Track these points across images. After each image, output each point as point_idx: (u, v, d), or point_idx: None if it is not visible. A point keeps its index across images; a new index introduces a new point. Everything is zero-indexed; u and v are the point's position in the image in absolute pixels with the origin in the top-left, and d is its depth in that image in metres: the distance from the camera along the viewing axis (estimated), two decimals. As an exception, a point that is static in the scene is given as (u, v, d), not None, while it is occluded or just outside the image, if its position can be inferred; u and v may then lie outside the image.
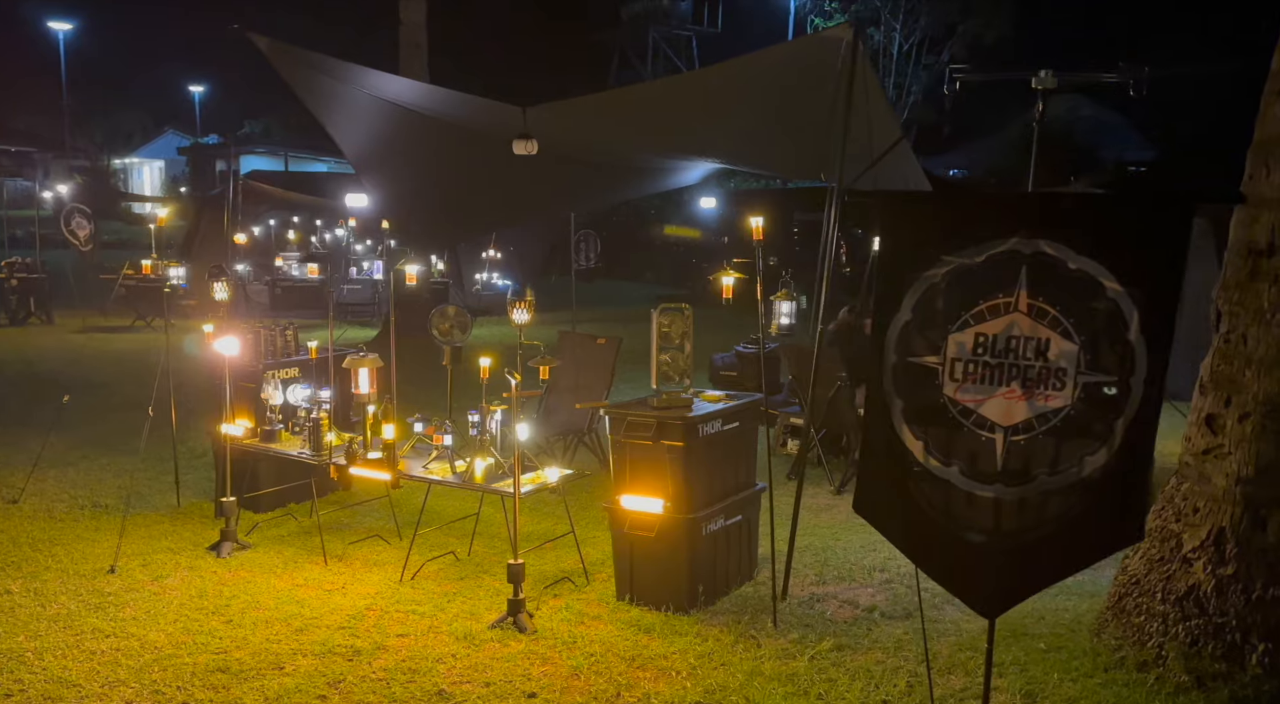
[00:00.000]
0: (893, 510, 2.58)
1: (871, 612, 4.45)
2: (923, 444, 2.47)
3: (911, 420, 2.47)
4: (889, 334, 2.49)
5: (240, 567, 5.20)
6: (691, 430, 4.46)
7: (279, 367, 6.13)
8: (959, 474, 2.45)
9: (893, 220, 2.54)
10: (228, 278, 5.55)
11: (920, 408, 2.47)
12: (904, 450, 2.49)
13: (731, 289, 4.49)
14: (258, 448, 5.60)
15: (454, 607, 4.68)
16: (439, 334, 6.50)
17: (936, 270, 2.41)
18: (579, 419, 7.14)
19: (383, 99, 6.49)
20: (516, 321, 4.58)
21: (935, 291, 2.42)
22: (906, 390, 2.47)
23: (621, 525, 4.63)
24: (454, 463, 5.02)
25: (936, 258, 2.41)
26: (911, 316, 2.44)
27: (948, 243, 2.39)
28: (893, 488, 2.53)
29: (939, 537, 2.52)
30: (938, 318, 2.43)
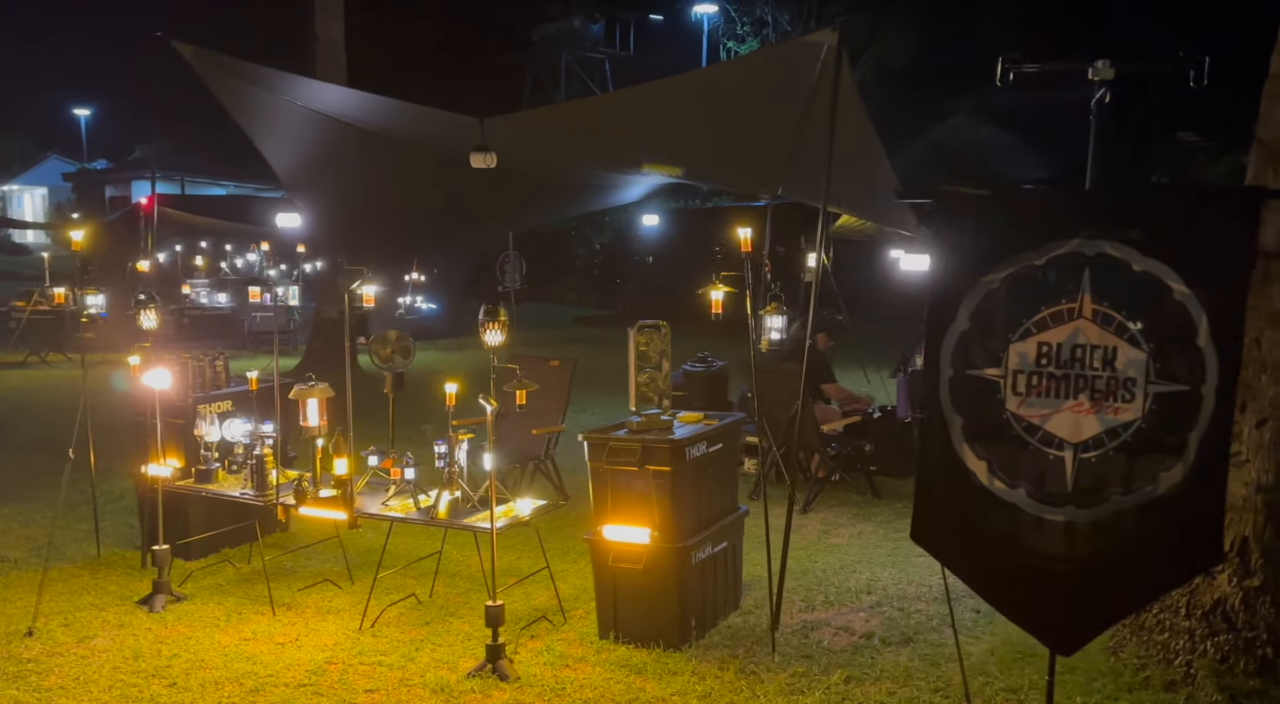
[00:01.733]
0: (954, 538, 2.40)
1: (870, 639, 4.27)
2: (986, 464, 2.30)
3: (973, 439, 2.30)
4: (944, 345, 2.31)
5: (177, 621, 4.71)
6: (679, 454, 4.22)
7: (210, 400, 5.65)
8: (1026, 496, 2.28)
9: (947, 221, 2.37)
10: (155, 305, 5.06)
11: (981, 425, 2.30)
12: (965, 472, 2.31)
13: (721, 303, 4.28)
14: (192, 489, 5.12)
15: (424, 655, 4.31)
16: (379, 360, 6.11)
17: (995, 274, 2.25)
18: (534, 445, 6.81)
19: (319, 112, 6.10)
20: (489, 343, 4.27)
21: (994, 298, 2.26)
22: (965, 406, 2.30)
23: (604, 558, 4.35)
24: (417, 498, 4.66)
25: (995, 261, 2.24)
26: (969, 326, 2.28)
27: (1007, 244, 2.23)
28: (953, 513, 2.35)
29: (1005, 566, 2.34)
30: (997, 327, 2.27)
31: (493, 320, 4.24)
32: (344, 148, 6.52)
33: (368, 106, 5.91)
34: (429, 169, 6.69)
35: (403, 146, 6.49)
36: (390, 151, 6.52)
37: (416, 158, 6.56)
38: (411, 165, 6.67)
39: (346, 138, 6.36)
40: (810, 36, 4.13)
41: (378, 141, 6.39)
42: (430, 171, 6.71)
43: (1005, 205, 2.34)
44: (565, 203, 8.90)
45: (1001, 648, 3.96)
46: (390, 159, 6.65)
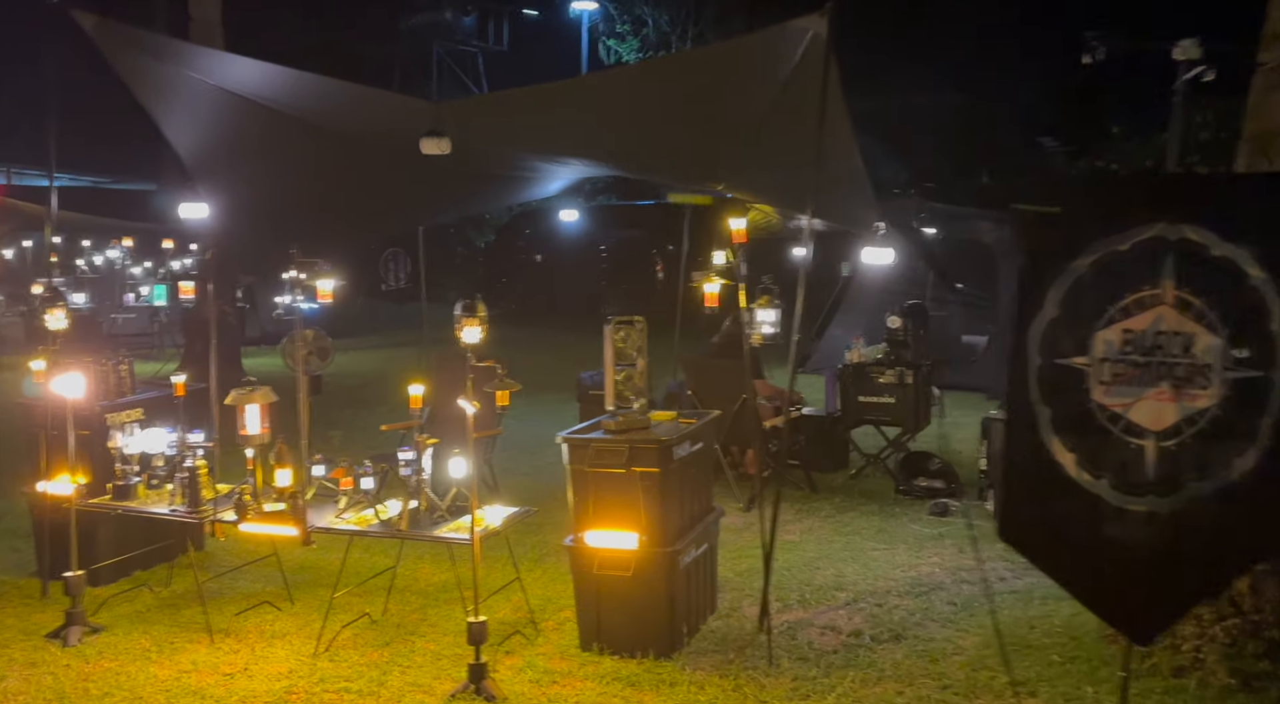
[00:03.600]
0: (1043, 534, 2.35)
1: (859, 637, 4.23)
2: (1074, 456, 2.26)
3: (1061, 430, 2.26)
4: (1031, 334, 2.26)
5: (100, 655, 4.19)
6: (666, 455, 4.07)
7: (117, 408, 5.09)
8: (1108, 487, 2.26)
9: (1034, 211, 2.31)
10: (64, 304, 4.50)
11: (1069, 416, 2.26)
12: (1054, 464, 2.27)
13: (717, 297, 4.12)
14: (109, 508, 4.58)
15: (393, 679, 3.99)
16: (293, 362, 5.69)
17: (1083, 260, 2.22)
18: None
19: (235, 92, 5.61)
20: (466, 341, 3.99)
21: (1082, 285, 2.23)
22: (1054, 397, 2.25)
23: (588, 565, 4.15)
24: (380, 511, 4.32)
25: (1083, 245, 2.21)
26: (1058, 313, 2.23)
27: (1094, 228, 2.20)
28: (1042, 508, 2.30)
29: (1090, 559, 2.31)
30: (1084, 314, 2.24)
31: (470, 316, 3.96)
32: (259, 132, 6.03)
33: (298, 86, 5.46)
34: (351, 156, 6.28)
35: (322, 132, 6.06)
36: (308, 137, 6.08)
37: (340, 144, 6.14)
38: (332, 152, 6.24)
39: (262, 121, 5.88)
40: (796, 21, 4.03)
41: (294, 125, 5.94)
42: (352, 159, 6.30)
43: (1092, 188, 2.30)
44: (486, 195, 8.57)
45: (995, 641, 4.00)
46: (308, 145, 6.20)
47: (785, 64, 4.36)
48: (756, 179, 5.80)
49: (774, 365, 8.79)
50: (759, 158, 5.32)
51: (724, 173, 6.11)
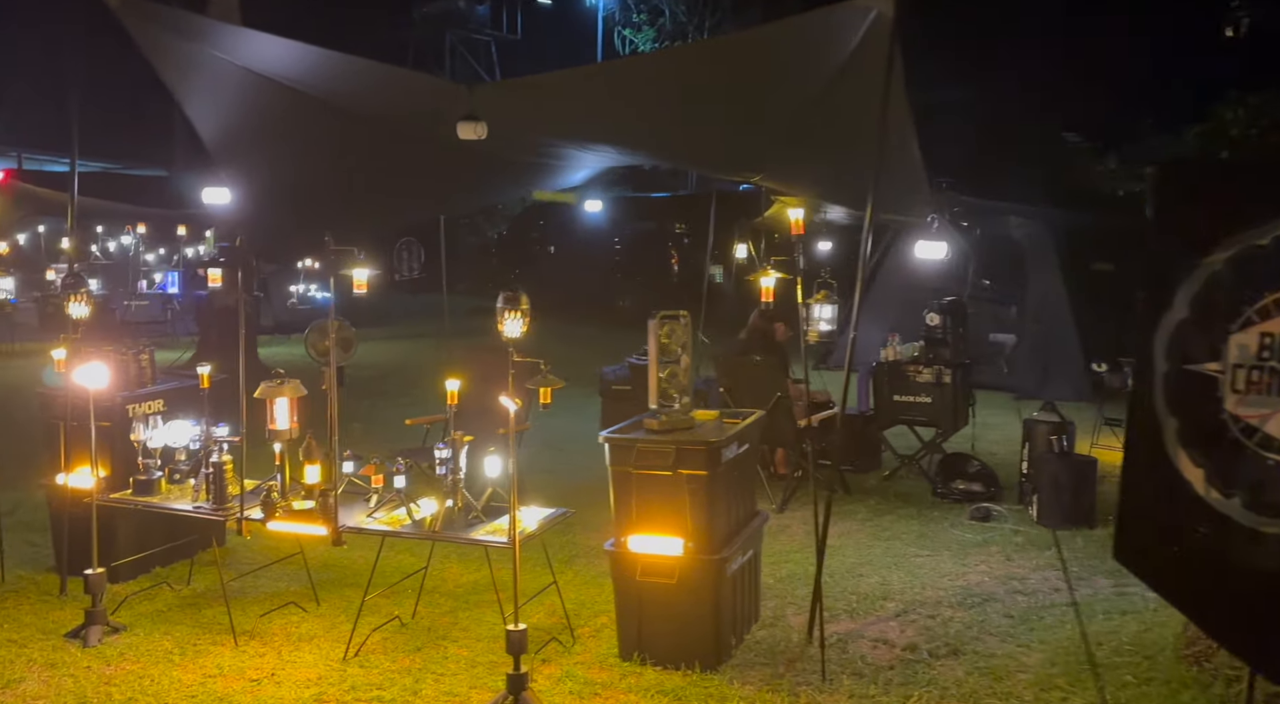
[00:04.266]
0: (1163, 557, 2.15)
1: (914, 651, 4.04)
2: (1203, 472, 2.07)
3: (1189, 443, 2.06)
4: (1158, 336, 2.06)
5: (121, 657, 4.03)
6: (715, 457, 3.88)
7: (139, 400, 4.93)
8: (1240, 507, 2.06)
9: (1164, 195, 2.11)
10: (86, 291, 4.33)
11: (1198, 428, 2.06)
12: (1180, 482, 2.07)
13: (773, 291, 3.90)
14: (130, 503, 4.41)
15: (427, 688, 3.81)
16: (317, 353, 5.50)
17: (1218, 255, 2.01)
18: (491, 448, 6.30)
19: (260, 73, 5.42)
20: (508, 334, 3.80)
21: (1216, 282, 2.03)
22: (1181, 407, 2.06)
23: (630, 572, 3.96)
24: (413, 510, 4.14)
25: (1217, 239, 2.01)
26: (1188, 313, 2.03)
27: (1230, 221, 2.00)
28: (1163, 529, 2.10)
29: (1216, 585, 2.11)
30: (1218, 315, 2.03)
31: (513, 308, 3.77)
32: (283, 114, 5.85)
33: (325, 67, 5.27)
34: (377, 141, 6.10)
35: (348, 115, 5.88)
36: (333, 120, 5.90)
37: (366, 128, 5.96)
38: (357, 136, 6.06)
39: (286, 102, 5.70)
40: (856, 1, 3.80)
41: (319, 108, 5.76)
42: (378, 144, 6.12)
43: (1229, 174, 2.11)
44: (510, 183, 8.39)
45: (1060, 658, 3.81)
46: (333, 128, 6.01)
47: (842, 47, 4.14)
48: (799, 170, 5.59)
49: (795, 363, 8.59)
50: (805, 147, 5.12)
51: (763, 163, 5.90)
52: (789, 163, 5.67)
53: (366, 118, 5.94)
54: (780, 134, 5.17)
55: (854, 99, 4.33)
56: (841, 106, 4.42)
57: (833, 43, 4.19)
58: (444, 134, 5.92)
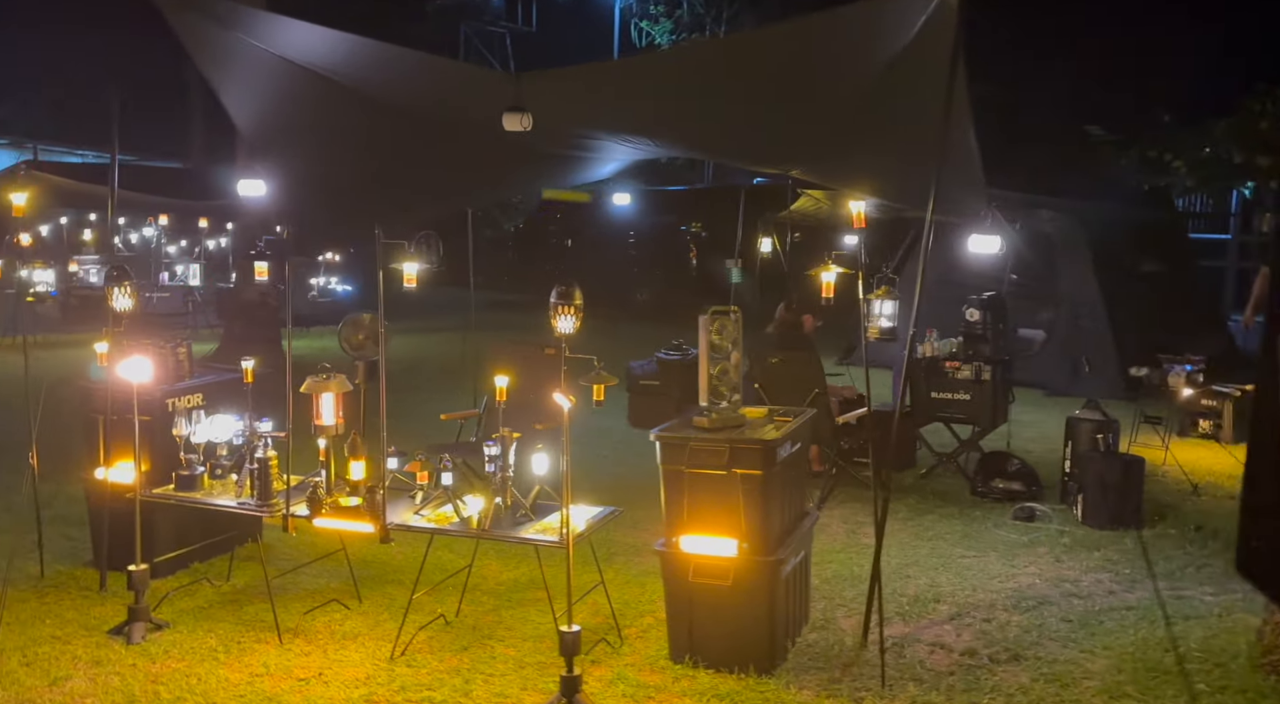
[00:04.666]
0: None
1: (973, 656, 3.95)
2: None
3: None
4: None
5: (166, 655, 3.98)
6: (770, 455, 3.80)
7: (178, 394, 4.88)
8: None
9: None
10: (130, 283, 4.27)
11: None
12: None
13: (834, 287, 3.80)
14: (174, 498, 4.36)
15: (478, 689, 3.75)
16: (350, 347, 5.44)
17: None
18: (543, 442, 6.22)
19: (298, 62, 5.35)
20: (560, 330, 3.73)
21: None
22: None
23: (682, 573, 3.88)
24: (461, 507, 4.08)
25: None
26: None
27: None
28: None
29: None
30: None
31: (567, 304, 3.70)
32: (318, 104, 5.79)
33: (363, 55, 5.19)
34: (411, 132, 6.03)
35: (385, 106, 5.81)
36: (367, 111, 5.83)
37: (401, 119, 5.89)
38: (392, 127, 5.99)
39: (322, 93, 5.63)
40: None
41: (354, 98, 5.69)
42: (411, 135, 6.05)
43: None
44: (542, 176, 8.31)
45: (1127, 665, 3.72)
46: (368, 119, 5.95)
47: (900, 36, 4.04)
48: (843, 163, 5.48)
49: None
50: (852, 140, 5.01)
51: (804, 155, 5.79)
52: (830, 156, 5.56)
53: (400, 108, 5.87)
54: (822, 126, 5.06)
55: (910, 89, 4.23)
56: (898, 97, 4.32)
57: (890, 31, 4.08)
58: (479, 125, 5.85)
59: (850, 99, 4.59)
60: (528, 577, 4.99)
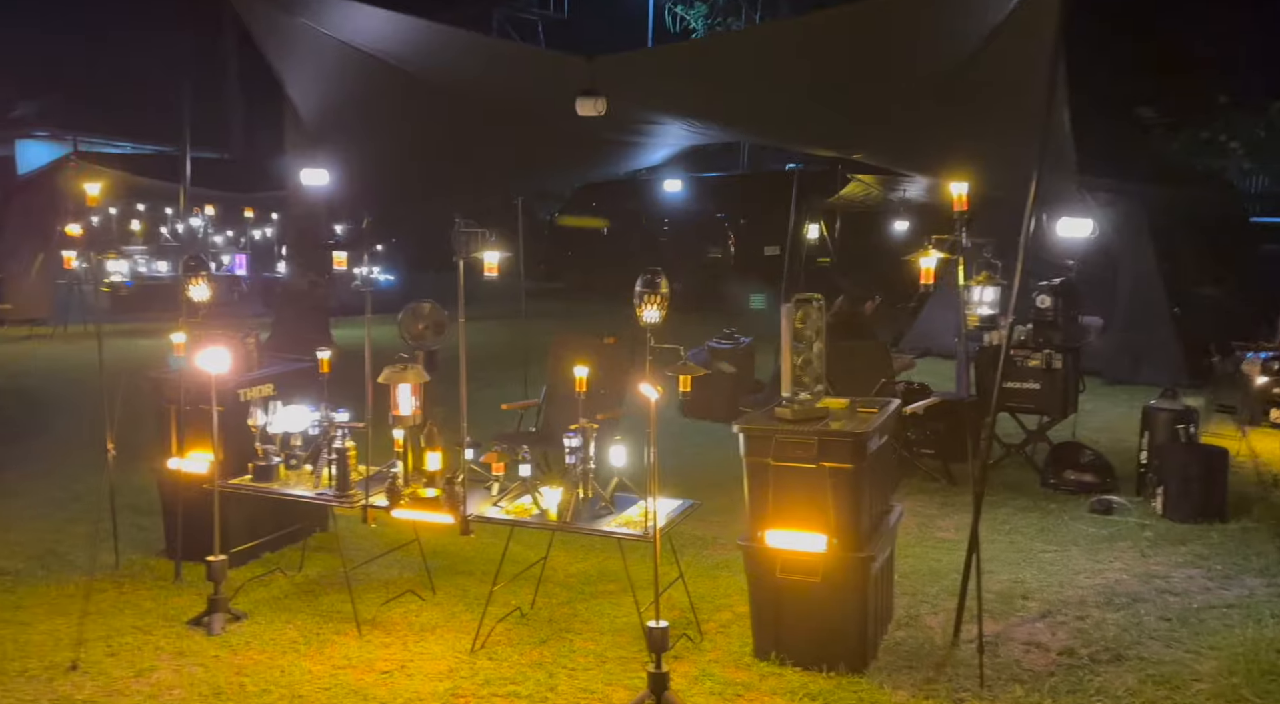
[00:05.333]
0: None
1: (1071, 656, 3.83)
2: None
3: None
4: None
5: (246, 646, 3.97)
6: (860, 448, 3.68)
7: (249, 384, 4.86)
8: None
9: None
10: (207, 272, 4.25)
11: None
12: None
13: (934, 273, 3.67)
14: (251, 489, 4.34)
15: (562, 684, 3.69)
16: (410, 337, 5.40)
17: None
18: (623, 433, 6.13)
19: (364, 49, 5.30)
20: (646, 321, 3.64)
21: None
22: None
23: (768, 568, 3.79)
24: (539, 499, 4.02)
25: None
26: None
27: None
28: None
29: None
30: None
31: (652, 292, 3.60)
32: (386, 92, 5.74)
33: (429, 41, 5.13)
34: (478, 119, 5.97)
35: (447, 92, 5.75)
36: (433, 99, 5.77)
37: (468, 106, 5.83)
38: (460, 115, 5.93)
39: (391, 81, 5.58)
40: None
41: (418, 86, 5.64)
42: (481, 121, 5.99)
43: None
44: (591, 163, 8.22)
45: (1239, 666, 3.58)
46: (434, 107, 5.89)
47: (993, 15, 3.89)
48: (916, 146, 5.35)
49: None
50: (930, 122, 4.87)
51: (870, 139, 5.66)
52: (901, 139, 5.43)
53: (461, 94, 5.81)
54: (897, 108, 4.93)
55: (1002, 68, 4.09)
56: (989, 77, 4.17)
57: (979, 9, 3.94)
58: (543, 111, 5.77)
59: (935, 79, 4.45)
60: (598, 569, 4.93)
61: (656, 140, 7.08)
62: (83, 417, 7.70)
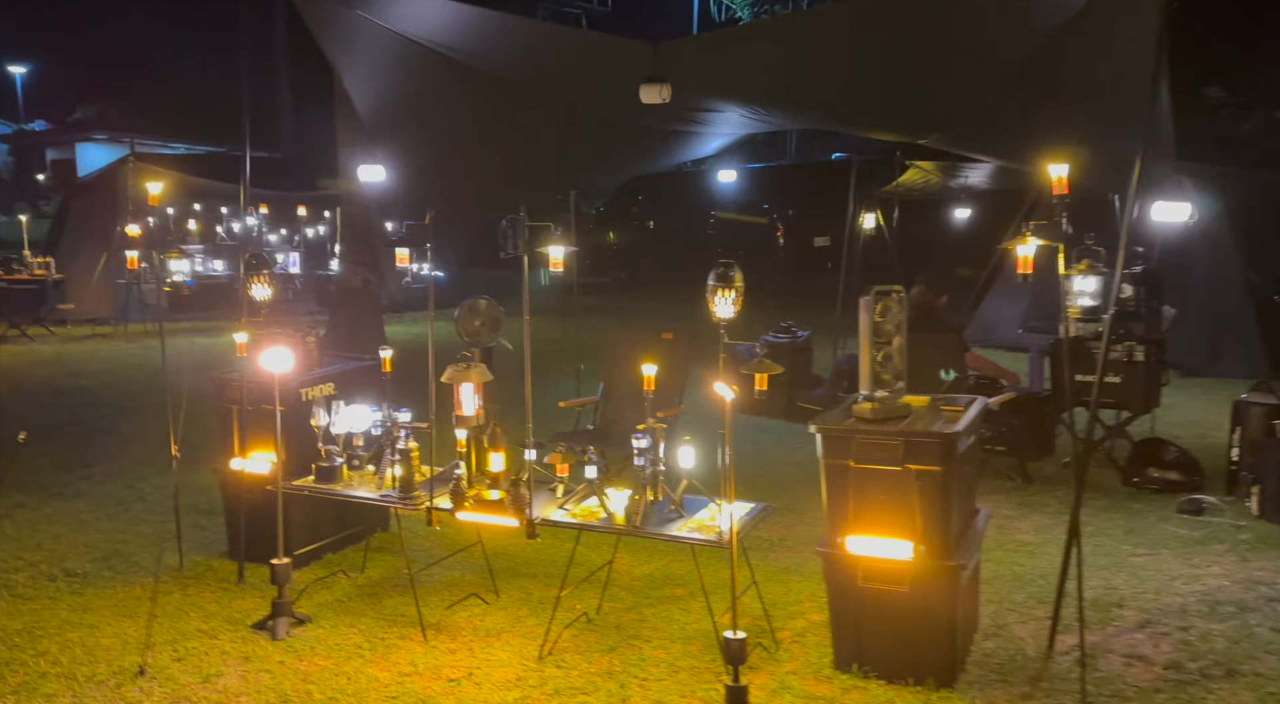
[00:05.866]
0: None
1: (1178, 670, 3.59)
2: None
3: None
4: None
5: (311, 651, 3.89)
6: (950, 450, 3.48)
7: (310, 383, 4.79)
8: None
9: None
10: (269, 271, 4.18)
11: None
12: None
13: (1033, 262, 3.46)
14: (313, 490, 4.27)
15: (634, 695, 3.56)
16: (467, 334, 5.29)
17: None
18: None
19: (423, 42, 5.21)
20: (720, 316, 3.48)
21: None
22: None
23: (849, 576, 3.61)
24: (606, 501, 3.88)
25: None
26: None
27: None
28: None
29: None
30: None
31: (726, 286, 3.44)
32: (442, 86, 5.65)
33: (487, 28, 5.01)
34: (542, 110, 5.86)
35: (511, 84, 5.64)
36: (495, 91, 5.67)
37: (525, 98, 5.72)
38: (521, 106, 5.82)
39: (447, 74, 5.49)
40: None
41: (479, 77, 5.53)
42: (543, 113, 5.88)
43: None
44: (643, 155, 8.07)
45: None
46: (491, 100, 5.79)
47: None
48: (997, 129, 5.09)
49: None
50: (1017, 103, 4.62)
51: (944, 121, 5.41)
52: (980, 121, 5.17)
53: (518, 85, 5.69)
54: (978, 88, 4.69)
55: (1097, 46, 3.84)
56: (1076, 57, 3.92)
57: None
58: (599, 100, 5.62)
59: (1020, 62, 4.21)
60: (662, 572, 4.79)
61: (713, 129, 6.90)
62: (145, 416, 7.78)
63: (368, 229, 11.14)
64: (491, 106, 5.91)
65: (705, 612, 4.29)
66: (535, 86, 5.58)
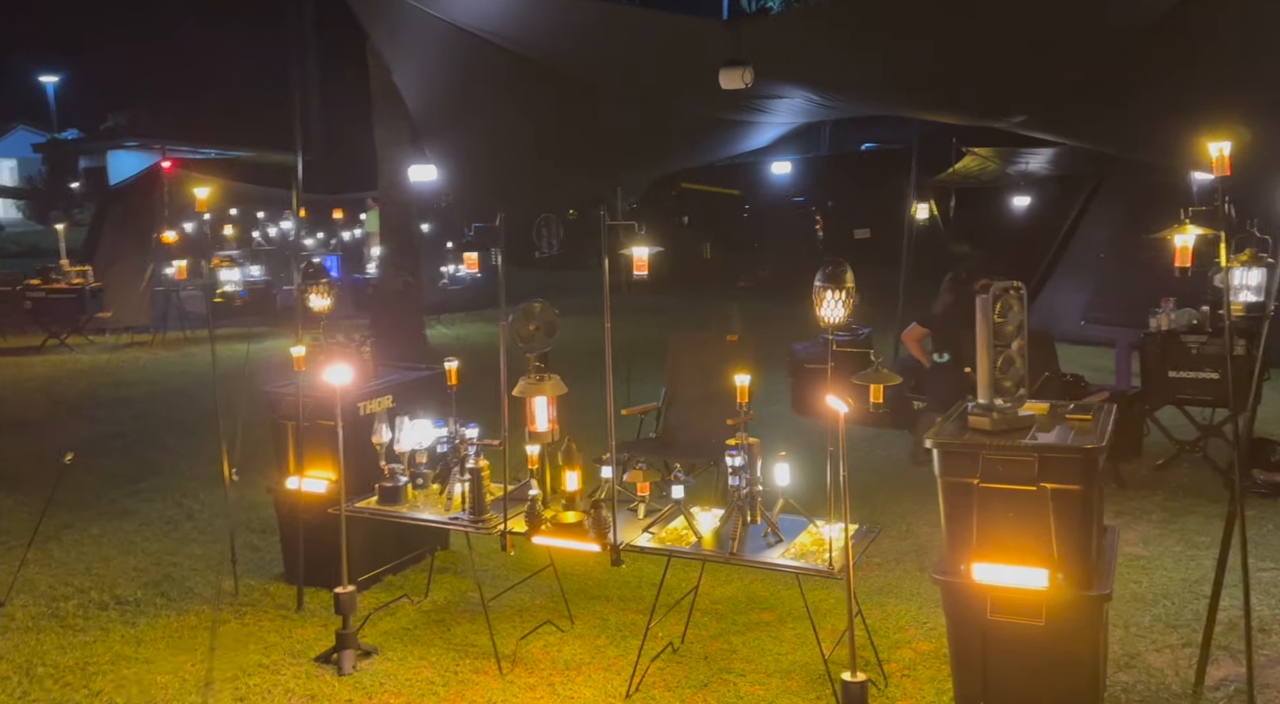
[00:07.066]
0: None
1: (1351, 708, 3.20)
2: None
3: None
4: None
5: (381, 688, 3.60)
6: (1091, 466, 3.11)
7: (368, 396, 4.50)
8: None
9: None
10: (327, 280, 3.90)
11: None
12: None
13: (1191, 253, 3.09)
14: (379, 513, 3.97)
15: (738, 739, 3.22)
16: (521, 340, 4.97)
17: None
18: (714, 441, 5.61)
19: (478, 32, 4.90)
20: (828, 319, 3.13)
21: None
22: None
23: (975, 608, 3.25)
24: (696, 525, 3.55)
25: None
26: None
27: None
28: None
29: None
30: None
31: (836, 287, 3.09)
32: (496, 79, 5.34)
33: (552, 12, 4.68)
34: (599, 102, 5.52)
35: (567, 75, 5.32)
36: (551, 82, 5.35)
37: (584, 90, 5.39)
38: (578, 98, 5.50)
39: (501, 66, 5.18)
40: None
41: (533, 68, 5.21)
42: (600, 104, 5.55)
43: None
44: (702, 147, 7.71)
45: None
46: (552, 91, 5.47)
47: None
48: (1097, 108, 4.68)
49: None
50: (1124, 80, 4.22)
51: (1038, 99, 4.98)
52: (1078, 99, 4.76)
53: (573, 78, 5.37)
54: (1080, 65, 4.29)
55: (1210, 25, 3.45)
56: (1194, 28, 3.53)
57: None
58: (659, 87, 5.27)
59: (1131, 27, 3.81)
60: (744, 594, 4.45)
61: (771, 118, 6.53)
62: (190, 428, 7.56)
63: (407, 231, 10.90)
64: (546, 99, 5.59)
65: (799, 640, 3.96)
66: (592, 74, 5.26)
